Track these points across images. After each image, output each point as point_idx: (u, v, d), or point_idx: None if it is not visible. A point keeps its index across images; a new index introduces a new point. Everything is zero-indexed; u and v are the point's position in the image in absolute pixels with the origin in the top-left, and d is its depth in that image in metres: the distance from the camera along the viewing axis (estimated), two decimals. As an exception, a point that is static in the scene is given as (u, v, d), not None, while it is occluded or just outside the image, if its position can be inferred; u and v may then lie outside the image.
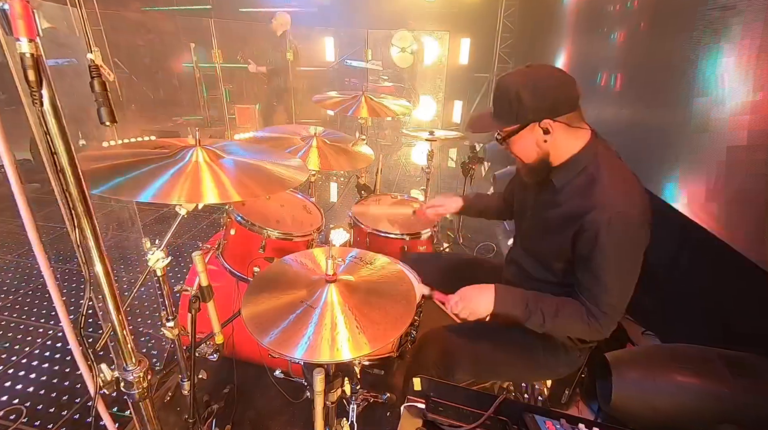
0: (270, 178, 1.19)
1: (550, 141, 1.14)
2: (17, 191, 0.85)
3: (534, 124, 1.13)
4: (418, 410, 0.95)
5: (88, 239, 0.79)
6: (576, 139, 1.16)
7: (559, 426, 0.92)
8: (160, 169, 1.06)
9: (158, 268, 1.14)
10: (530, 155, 1.20)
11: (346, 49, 6.49)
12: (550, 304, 1.17)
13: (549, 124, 1.11)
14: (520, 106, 1.10)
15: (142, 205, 3.72)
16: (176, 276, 2.74)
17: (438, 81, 6.84)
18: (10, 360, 2.01)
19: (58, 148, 0.71)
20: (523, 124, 1.14)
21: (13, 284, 2.61)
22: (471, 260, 1.85)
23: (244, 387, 1.80)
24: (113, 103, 0.77)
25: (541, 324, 1.17)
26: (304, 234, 1.67)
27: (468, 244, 3.32)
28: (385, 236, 1.89)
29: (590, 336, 1.18)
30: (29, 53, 0.62)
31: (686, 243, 1.84)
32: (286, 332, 0.92)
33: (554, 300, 1.18)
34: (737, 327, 1.55)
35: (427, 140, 2.63)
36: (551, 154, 1.17)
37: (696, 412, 1.09)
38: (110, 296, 0.85)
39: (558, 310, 1.15)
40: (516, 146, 1.21)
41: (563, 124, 1.12)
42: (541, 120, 1.11)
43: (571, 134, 1.15)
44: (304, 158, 1.84)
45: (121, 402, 1.77)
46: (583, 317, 1.12)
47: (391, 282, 1.13)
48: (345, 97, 2.40)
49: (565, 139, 1.15)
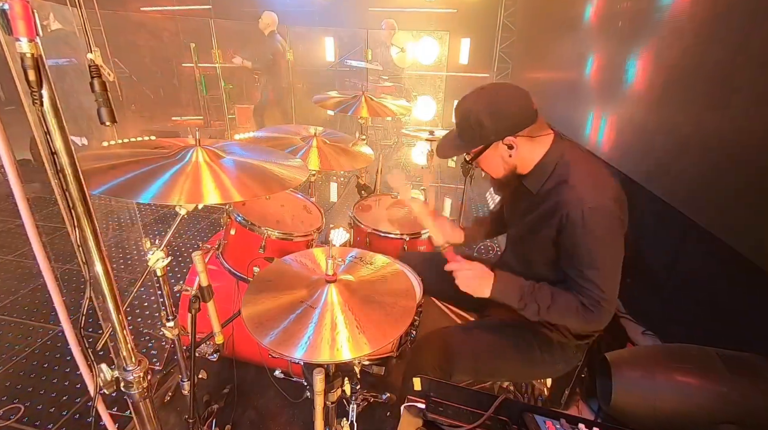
0: (270, 178, 1.19)
1: (515, 155, 1.20)
2: (17, 191, 0.85)
3: (497, 143, 1.18)
4: (418, 410, 0.95)
5: (88, 239, 0.79)
6: (540, 146, 1.21)
7: (559, 426, 0.92)
8: (160, 169, 1.06)
9: (158, 268, 1.14)
10: (498, 171, 1.26)
11: (346, 49, 6.48)
12: (546, 295, 1.19)
13: (511, 141, 1.17)
14: (482, 129, 1.16)
15: (142, 204, 3.72)
16: (176, 276, 2.74)
17: (438, 81, 6.83)
18: (10, 360, 2.01)
19: (58, 148, 0.71)
20: (486, 145, 1.20)
21: (13, 284, 2.61)
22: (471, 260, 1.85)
23: (244, 387, 1.80)
24: (113, 103, 0.77)
25: (536, 313, 1.19)
26: (304, 234, 1.67)
27: (468, 244, 3.31)
28: (385, 236, 1.89)
29: (587, 326, 1.20)
30: (29, 53, 0.62)
31: (686, 243, 1.84)
32: (286, 332, 0.92)
33: (550, 291, 1.20)
34: (737, 327, 1.55)
35: (427, 140, 2.63)
36: (518, 165, 1.23)
37: (696, 412, 1.09)
38: (110, 296, 0.85)
39: (553, 301, 1.18)
40: (484, 164, 1.28)
41: (525, 137, 1.18)
42: (503, 139, 1.17)
43: (535, 143, 1.20)
44: (304, 158, 1.84)
45: (121, 402, 1.77)
46: (577, 307, 1.15)
47: (391, 282, 1.13)
48: (345, 97, 2.41)
49: (529, 150, 1.20)
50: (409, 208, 1.57)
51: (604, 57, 2.78)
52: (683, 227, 1.73)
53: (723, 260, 1.52)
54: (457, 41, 6.64)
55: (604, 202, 1.10)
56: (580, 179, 1.14)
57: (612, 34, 2.63)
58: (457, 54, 6.73)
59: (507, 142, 1.17)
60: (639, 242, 2.09)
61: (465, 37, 6.63)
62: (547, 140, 1.21)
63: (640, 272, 2.08)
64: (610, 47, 2.66)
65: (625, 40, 2.43)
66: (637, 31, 2.29)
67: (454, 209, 3.99)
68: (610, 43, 2.66)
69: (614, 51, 2.57)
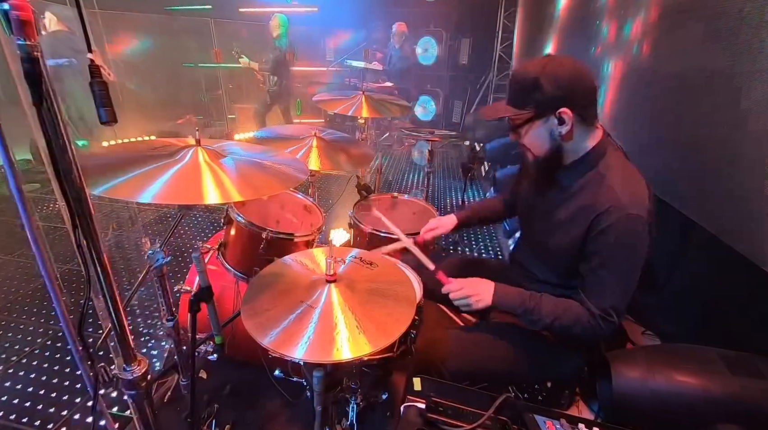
0: (270, 178, 1.19)
1: (564, 133, 1.11)
2: (17, 193, 0.85)
3: (550, 113, 1.10)
4: (418, 410, 0.95)
5: (88, 239, 0.79)
6: (588, 137, 1.15)
7: (559, 426, 0.92)
8: (160, 169, 1.06)
9: (158, 268, 1.14)
10: (542, 147, 1.17)
11: (346, 49, 6.49)
12: (550, 305, 1.17)
13: (565, 113, 1.08)
14: (539, 92, 1.08)
15: (142, 205, 3.72)
16: (176, 276, 2.74)
17: (438, 81, 6.84)
18: (10, 360, 2.01)
19: (58, 148, 0.71)
20: (539, 112, 1.11)
21: (13, 284, 2.61)
22: (471, 260, 1.86)
23: (244, 387, 1.80)
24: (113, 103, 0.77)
25: (539, 323, 1.17)
26: (304, 234, 1.67)
27: (468, 244, 3.32)
28: (385, 236, 1.89)
29: (591, 337, 1.17)
30: (29, 53, 0.62)
31: (686, 243, 1.84)
32: (286, 332, 0.92)
33: (554, 301, 1.18)
34: (737, 327, 1.55)
35: (428, 140, 2.63)
36: (563, 148, 1.15)
37: (696, 411, 1.09)
38: (110, 296, 0.85)
39: (557, 311, 1.15)
40: (528, 136, 1.17)
41: (578, 118, 1.10)
42: (557, 109, 1.08)
43: (585, 130, 1.14)
44: (304, 158, 1.84)
45: (121, 402, 1.77)
46: (583, 318, 1.12)
47: (391, 282, 1.12)
48: (345, 97, 2.40)
49: (579, 135, 1.13)
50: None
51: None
52: (683, 227, 1.73)
53: (723, 260, 1.52)
54: (457, 41, 6.65)
55: (641, 213, 1.06)
56: (621, 184, 1.09)
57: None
58: (457, 54, 6.74)
59: (561, 113, 1.08)
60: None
61: (465, 37, 6.64)
62: (596, 134, 1.16)
63: (640, 271, 2.08)
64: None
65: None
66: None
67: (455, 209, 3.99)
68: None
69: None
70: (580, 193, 1.16)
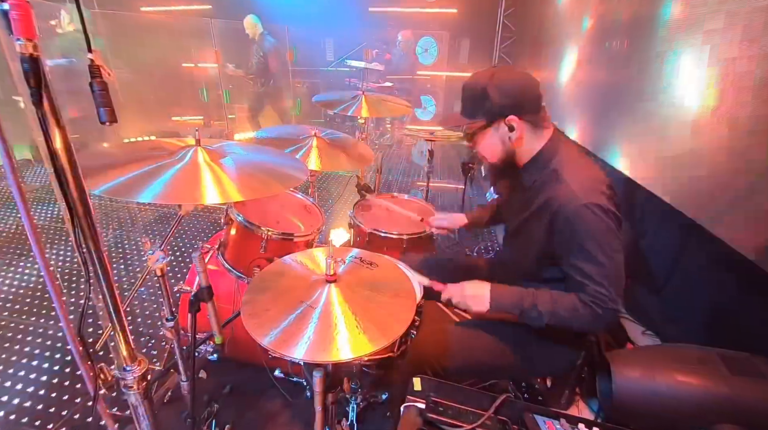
0: (270, 178, 1.19)
1: (515, 139, 1.19)
2: (17, 191, 0.85)
3: (500, 122, 1.18)
4: (418, 410, 0.95)
5: (88, 239, 0.79)
6: (540, 138, 1.21)
7: (559, 426, 0.92)
8: (160, 169, 1.06)
9: (158, 268, 1.14)
10: (495, 154, 1.25)
11: (346, 49, 6.49)
12: (546, 299, 1.18)
13: (514, 121, 1.16)
14: (487, 101, 1.16)
15: (142, 205, 3.72)
16: (176, 276, 2.74)
17: (438, 81, 6.84)
18: (10, 360, 2.02)
19: (58, 148, 0.71)
20: (489, 120, 1.19)
21: (13, 284, 2.61)
22: (471, 260, 1.86)
23: (244, 387, 1.80)
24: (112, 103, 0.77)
25: (539, 319, 1.17)
26: (304, 234, 1.67)
27: (468, 244, 3.32)
28: (385, 236, 1.89)
29: (592, 326, 1.18)
30: (29, 53, 0.62)
31: (686, 243, 1.84)
32: (286, 332, 0.92)
33: (550, 294, 1.19)
34: (737, 327, 1.55)
35: (428, 140, 2.63)
36: (516, 153, 1.23)
37: (696, 411, 1.09)
38: (110, 296, 0.85)
39: (554, 304, 1.16)
40: (481, 144, 1.26)
41: (528, 124, 1.18)
42: (506, 116, 1.16)
43: (536, 133, 1.20)
44: (304, 158, 1.84)
45: (121, 402, 1.77)
46: (578, 308, 1.13)
47: (391, 282, 1.12)
48: (345, 97, 2.40)
49: (529, 139, 1.21)
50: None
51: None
52: (683, 227, 1.73)
53: (723, 260, 1.52)
54: (456, 41, 6.65)
55: (597, 199, 1.09)
56: (573, 176, 1.14)
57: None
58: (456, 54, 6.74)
59: (510, 121, 1.16)
60: (639, 241, 2.09)
61: (465, 38, 6.64)
62: (547, 134, 1.22)
63: (640, 272, 2.09)
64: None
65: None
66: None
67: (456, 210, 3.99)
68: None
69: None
70: (540, 190, 1.21)
